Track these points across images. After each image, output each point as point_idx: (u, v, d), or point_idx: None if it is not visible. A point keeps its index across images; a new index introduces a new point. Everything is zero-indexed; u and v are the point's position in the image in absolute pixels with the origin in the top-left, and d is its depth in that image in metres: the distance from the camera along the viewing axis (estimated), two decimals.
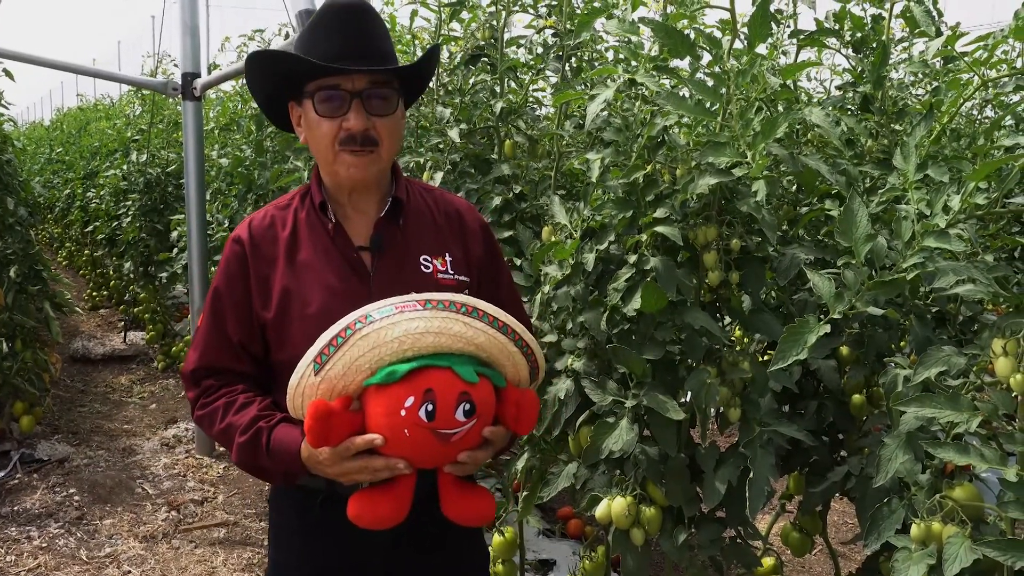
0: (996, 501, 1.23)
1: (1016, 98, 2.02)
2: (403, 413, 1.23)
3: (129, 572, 3.22)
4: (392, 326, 1.24)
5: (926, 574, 1.25)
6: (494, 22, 2.69)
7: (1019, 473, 1.15)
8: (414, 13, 3.02)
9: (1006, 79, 1.52)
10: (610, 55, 2.86)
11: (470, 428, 1.26)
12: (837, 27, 2.19)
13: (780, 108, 1.93)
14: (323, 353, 1.26)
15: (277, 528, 1.64)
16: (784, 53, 2.49)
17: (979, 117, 2.87)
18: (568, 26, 2.50)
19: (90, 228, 7.68)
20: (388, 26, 3.20)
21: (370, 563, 1.58)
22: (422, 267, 1.53)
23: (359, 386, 1.27)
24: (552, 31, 2.61)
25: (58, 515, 3.66)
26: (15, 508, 3.70)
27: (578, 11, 2.61)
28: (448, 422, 1.24)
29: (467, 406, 1.25)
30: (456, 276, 1.55)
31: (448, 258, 1.56)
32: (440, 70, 2.98)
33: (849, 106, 2.23)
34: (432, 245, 1.56)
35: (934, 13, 2.02)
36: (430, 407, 1.23)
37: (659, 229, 1.72)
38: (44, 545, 3.39)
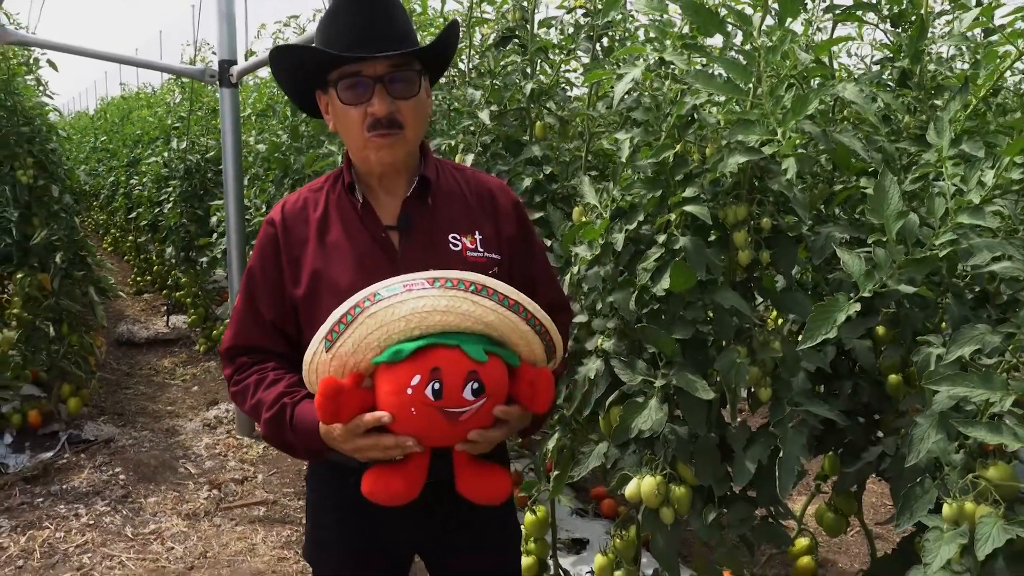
0: None
1: None
2: (409, 391, 1.24)
3: (172, 548, 3.30)
4: (399, 304, 1.25)
5: (958, 554, 1.23)
6: (525, 3, 2.68)
7: None
8: None
9: None
10: (640, 34, 2.83)
11: (480, 407, 1.26)
12: (874, 1, 2.15)
13: (813, 83, 1.90)
14: (333, 331, 1.27)
15: (314, 504, 1.67)
16: (820, 29, 2.45)
17: (1015, 87, 2.79)
18: (599, 5, 2.48)
19: (133, 215, 7.84)
20: (420, 10, 3.21)
21: (404, 539, 1.61)
22: (451, 245, 1.54)
23: (369, 364, 1.28)
24: (583, 11, 2.59)
25: (104, 493, 3.76)
26: (64, 487, 3.81)
27: None
28: (456, 401, 1.24)
29: (475, 385, 1.24)
30: (486, 254, 1.56)
31: (478, 236, 1.56)
32: (472, 52, 2.98)
33: (887, 82, 2.18)
34: (461, 223, 1.57)
35: None
36: (436, 385, 1.23)
37: (688, 208, 1.71)
38: (91, 522, 3.50)
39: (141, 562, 3.20)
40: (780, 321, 2.13)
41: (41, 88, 4.77)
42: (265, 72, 5.34)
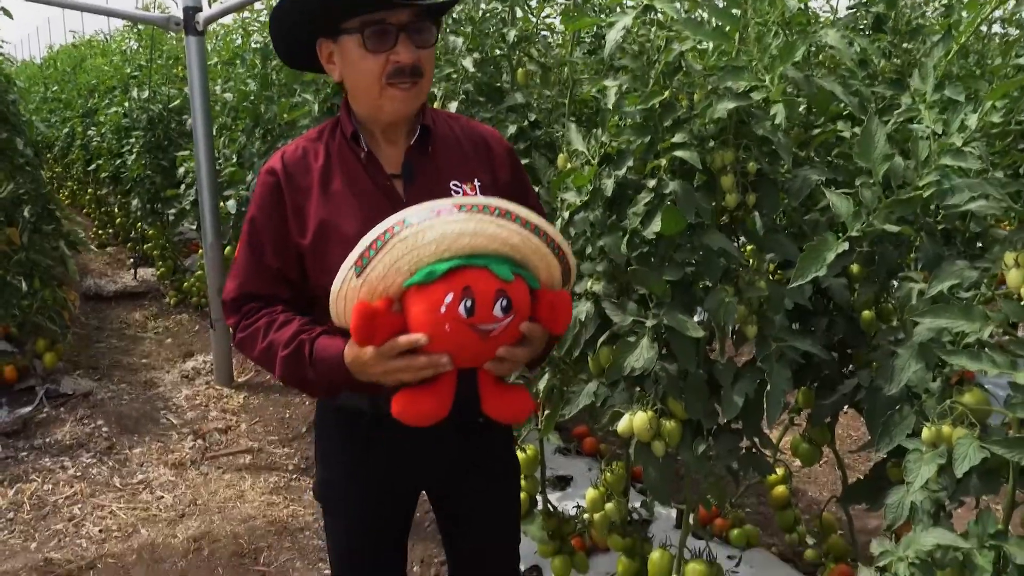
0: (1004, 405, 1.31)
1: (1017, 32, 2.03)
2: (443, 310, 1.28)
3: (162, 497, 3.35)
4: (429, 228, 1.29)
5: (937, 473, 1.33)
6: None
7: None
8: None
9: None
10: None
11: (508, 324, 1.32)
12: None
13: (795, 30, 1.95)
14: (363, 256, 1.31)
15: (324, 449, 1.72)
16: None
17: (987, 33, 2.88)
18: None
19: (92, 167, 7.67)
20: None
21: (413, 476, 1.68)
22: (453, 192, 1.58)
23: (399, 288, 1.32)
24: None
25: (88, 445, 3.79)
26: (47, 440, 3.83)
27: None
28: (487, 317, 1.30)
29: (504, 302, 1.30)
30: None
31: (477, 183, 1.60)
32: None
33: (861, 26, 2.23)
34: (461, 171, 1.60)
35: None
36: (469, 303, 1.28)
37: (678, 153, 1.76)
38: (78, 474, 3.53)
39: (132, 511, 3.24)
40: (754, 257, 2.21)
41: None
42: (229, 19, 5.22)
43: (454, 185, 1.57)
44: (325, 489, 1.72)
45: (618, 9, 1.95)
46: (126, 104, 6.23)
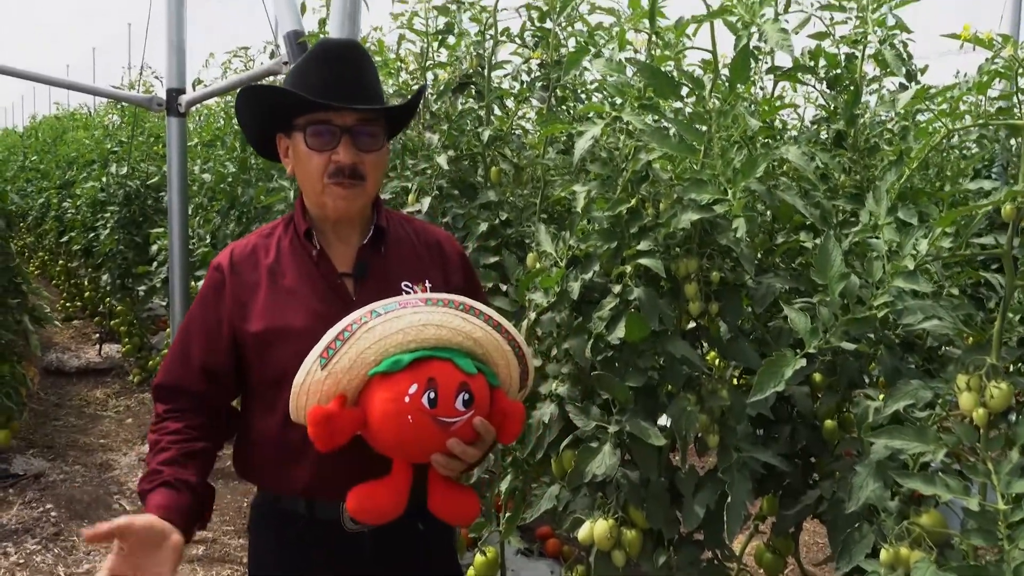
0: (960, 528, 1.31)
1: (976, 149, 2.13)
2: (407, 399, 1.29)
3: None
4: (397, 319, 1.32)
5: None
6: (481, 51, 2.76)
7: (981, 503, 1.23)
8: (401, 38, 3.08)
9: (970, 128, 1.62)
10: (593, 84, 2.94)
11: (468, 418, 1.32)
12: (812, 64, 2.29)
13: (759, 144, 2.01)
14: (329, 347, 1.31)
15: (257, 552, 1.67)
16: (761, 88, 2.58)
17: (945, 147, 2.99)
18: (555, 57, 2.58)
19: (65, 239, 7.63)
20: (376, 50, 3.27)
21: None
22: (404, 292, 1.59)
23: (362, 380, 1.33)
24: (538, 62, 2.68)
25: (35, 531, 3.64)
26: None
27: (563, 42, 2.69)
28: (449, 410, 1.30)
29: (466, 396, 1.31)
30: None
31: (428, 284, 1.62)
32: (427, 94, 3.04)
33: (823, 135, 2.32)
34: (412, 272, 1.62)
35: (904, 55, 2.12)
36: (432, 395, 1.29)
37: (643, 261, 1.79)
38: (21, 561, 3.38)
39: None
40: (719, 364, 2.22)
41: None
42: (212, 102, 5.31)
43: (405, 285, 1.59)
44: None
45: (591, 116, 2.01)
46: (104, 179, 6.25)
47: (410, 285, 1.60)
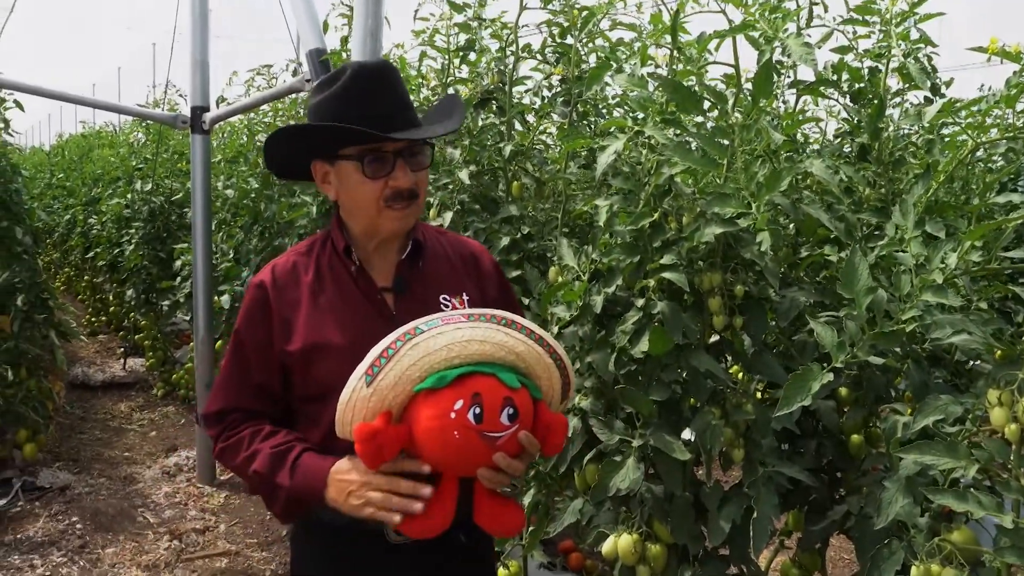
0: (992, 545, 1.29)
1: (1001, 161, 2.11)
2: (453, 416, 1.30)
3: None
4: (440, 335, 1.33)
5: None
6: (503, 67, 2.77)
7: (1015, 520, 1.21)
8: (423, 55, 3.11)
9: (997, 141, 1.61)
10: (614, 99, 2.94)
11: (513, 432, 1.33)
12: (835, 78, 2.28)
13: (782, 158, 2.01)
14: (375, 365, 1.32)
15: (300, 564, 1.68)
16: (784, 102, 2.58)
17: (971, 160, 2.97)
18: (576, 73, 2.59)
19: (91, 254, 7.73)
20: (398, 67, 3.30)
21: None
22: (442, 306, 1.60)
23: (407, 396, 1.33)
24: (559, 77, 2.69)
25: (60, 543, 3.67)
26: (18, 536, 3.72)
27: (584, 58, 2.70)
28: (494, 425, 1.31)
29: (511, 410, 1.32)
30: None
31: (466, 297, 1.63)
32: None
33: (846, 149, 2.30)
34: (450, 285, 1.63)
35: (928, 69, 2.11)
36: (478, 410, 1.30)
37: (666, 275, 1.78)
38: (47, 573, 3.41)
39: None
40: (743, 377, 2.21)
41: (3, 127, 4.74)
42: (235, 119, 5.37)
43: (443, 299, 1.60)
44: None
45: (612, 131, 2.01)
46: (129, 195, 6.33)
47: (448, 298, 1.61)
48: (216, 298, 4.38)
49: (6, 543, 3.65)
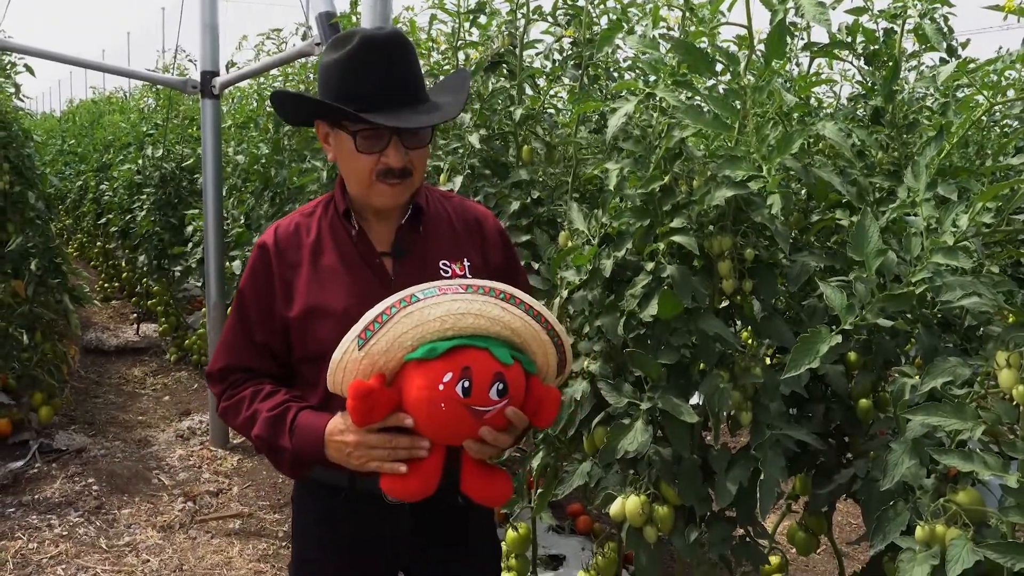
0: (997, 506, 1.30)
1: (1016, 124, 2.08)
2: (441, 387, 1.30)
3: (148, 561, 3.30)
4: (436, 306, 1.32)
5: (930, 574, 1.31)
6: (513, 30, 2.75)
7: (1020, 480, 1.22)
8: (433, 18, 3.08)
9: (1014, 102, 1.58)
10: (625, 62, 2.92)
11: (502, 407, 1.33)
12: (850, 40, 2.25)
13: (794, 120, 1.99)
14: (368, 329, 1.32)
15: (300, 525, 1.70)
16: (797, 65, 2.55)
17: (986, 124, 2.93)
18: (587, 35, 2.56)
19: (103, 220, 7.76)
20: (408, 30, 3.27)
21: (390, 555, 1.65)
22: (441, 272, 1.59)
23: (398, 363, 1.34)
24: (570, 40, 2.67)
25: (77, 504, 3.74)
26: (36, 496, 3.78)
27: (595, 20, 2.67)
28: (482, 399, 1.31)
29: (500, 386, 1.32)
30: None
31: (467, 263, 1.62)
32: None
33: (860, 112, 2.28)
34: (451, 251, 1.63)
35: (945, 30, 2.08)
36: (466, 384, 1.30)
37: (676, 239, 1.78)
38: (65, 533, 3.48)
39: (116, 574, 3.18)
40: (752, 342, 2.21)
41: (14, 92, 4.74)
42: (245, 84, 5.35)
43: (443, 264, 1.59)
44: (300, 569, 1.69)
45: (623, 93, 2.00)
46: (140, 161, 6.34)
47: (448, 264, 1.60)
48: (227, 263, 4.39)
49: (24, 503, 3.72)
